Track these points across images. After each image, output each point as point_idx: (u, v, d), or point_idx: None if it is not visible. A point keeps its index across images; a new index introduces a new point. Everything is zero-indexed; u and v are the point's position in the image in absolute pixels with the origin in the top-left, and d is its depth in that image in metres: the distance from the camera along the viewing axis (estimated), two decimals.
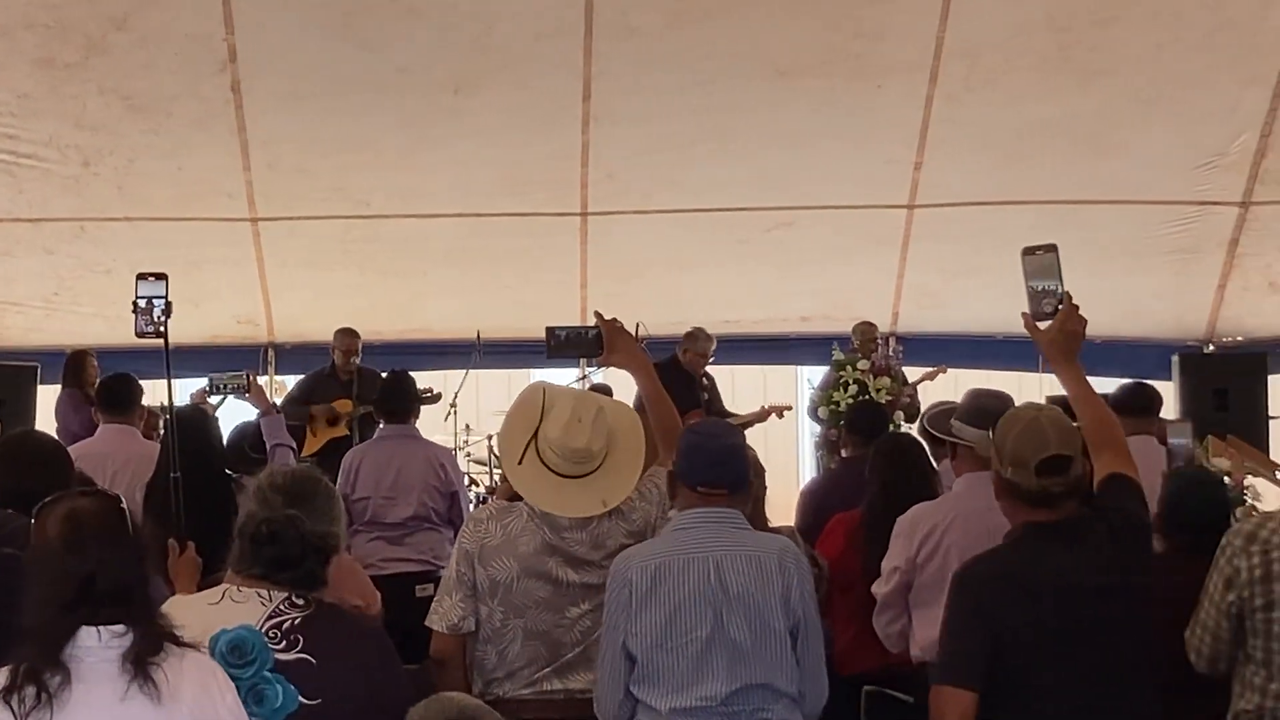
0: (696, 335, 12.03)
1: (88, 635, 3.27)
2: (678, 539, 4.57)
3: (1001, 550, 4.31)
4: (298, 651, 3.73)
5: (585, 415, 4.85)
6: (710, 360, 12.13)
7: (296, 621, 3.79)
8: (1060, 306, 4.49)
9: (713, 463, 4.61)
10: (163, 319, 6.02)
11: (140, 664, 3.27)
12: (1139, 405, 7.50)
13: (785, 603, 4.50)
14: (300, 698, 3.62)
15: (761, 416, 12.00)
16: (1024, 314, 4.57)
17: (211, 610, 3.72)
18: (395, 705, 3.88)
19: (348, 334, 11.54)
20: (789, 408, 12.49)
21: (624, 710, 4.54)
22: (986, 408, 5.35)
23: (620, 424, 5.00)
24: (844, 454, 8.40)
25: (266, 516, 3.90)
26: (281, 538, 3.88)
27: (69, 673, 3.24)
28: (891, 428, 10.50)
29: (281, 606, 3.81)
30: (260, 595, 3.83)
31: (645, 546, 4.67)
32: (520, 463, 4.89)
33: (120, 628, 3.29)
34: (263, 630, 3.69)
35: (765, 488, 6.33)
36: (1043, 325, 4.52)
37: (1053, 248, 4.55)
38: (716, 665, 4.45)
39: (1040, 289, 4.52)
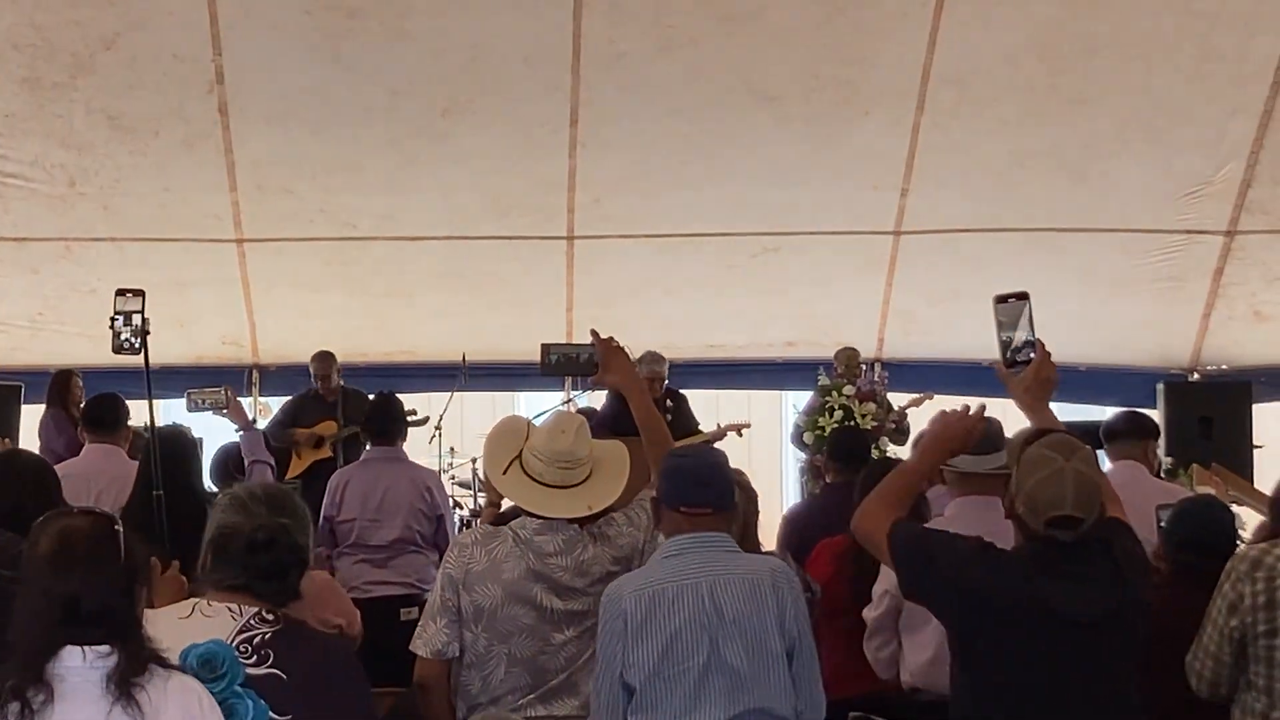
0: (643, 358, 11.86)
1: (72, 655, 3.25)
2: (669, 566, 4.54)
3: (1007, 562, 4.28)
4: (268, 666, 3.70)
5: (569, 427, 4.94)
6: (665, 380, 11.98)
7: (267, 636, 3.76)
8: (1033, 356, 4.50)
9: (695, 482, 4.59)
10: (141, 335, 6.01)
11: (124, 685, 3.25)
12: (1126, 429, 7.49)
13: (780, 624, 4.48)
14: (270, 713, 3.60)
15: (719, 435, 11.91)
16: (995, 363, 4.59)
17: (181, 625, 3.69)
18: None
19: (323, 358, 11.53)
20: (748, 425, 12.44)
21: None
22: None
23: (604, 451, 5.05)
24: (827, 480, 8.38)
25: (261, 524, 3.88)
26: (276, 546, 3.86)
27: (52, 691, 3.22)
28: (876, 453, 10.51)
29: (252, 621, 3.79)
30: (231, 610, 3.80)
31: (637, 575, 4.64)
32: (505, 473, 4.93)
33: (105, 648, 3.27)
34: (233, 645, 3.67)
35: (758, 512, 6.32)
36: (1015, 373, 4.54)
37: (1024, 296, 4.55)
38: (714, 692, 4.42)
39: (1012, 339, 4.52)
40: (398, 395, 9.24)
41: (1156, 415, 12.49)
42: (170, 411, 11.57)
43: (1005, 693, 4.18)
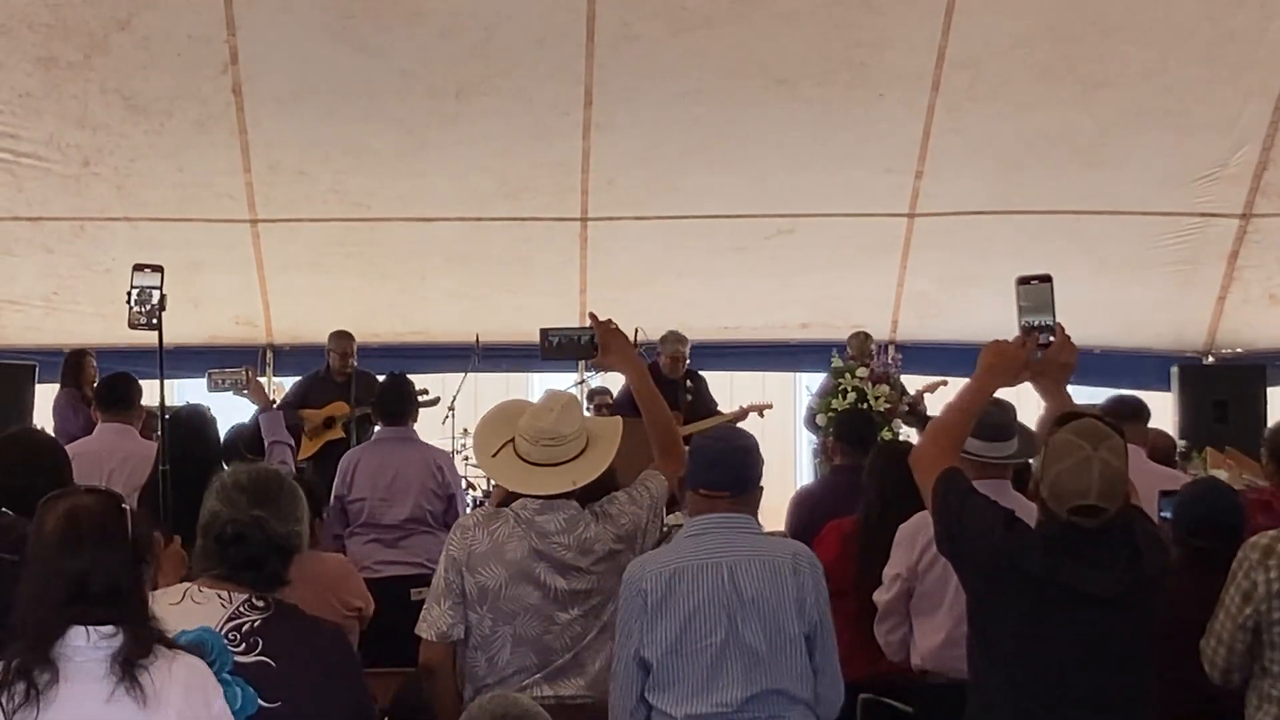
0: (666, 338, 11.92)
1: (77, 634, 3.25)
2: (690, 545, 4.55)
3: (1031, 537, 4.27)
4: (257, 654, 3.69)
5: (554, 405, 4.94)
6: (687, 360, 12.00)
7: (256, 624, 3.74)
8: (1053, 339, 4.48)
9: (711, 464, 4.60)
10: (157, 310, 6.00)
11: (128, 666, 3.25)
12: (1123, 413, 7.47)
13: (800, 607, 4.48)
14: (259, 700, 3.60)
15: (741, 416, 11.91)
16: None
17: (172, 611, 3.67)
18: (354, 708, 3.85)
19: (343, 337, 11.50)
20: (769, 406, 12.41)
21: (638, 717, 4.52)
22: (989, 419, 5.32)
23: (599, 428, 5.06)
24: (835, 462, 8.37)
25: (233, 517, 3.84)
26: (248, 539, 3.83)
27: (57, 671, 3.23)
28: (888, 435, 10.50)
29: (241, 608, 3.77)
30: (221, 597, 3.79)
31: (658, 553, 4.66)
32: (494, 456, 4.96)
33: (110, 628, 3.27)
34: (222, 632, 3.66)
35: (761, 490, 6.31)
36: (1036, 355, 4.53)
37: (1048, 278, 4.52)
38: (732, 671, 4.43)
39: (1035, 324, 4.50)
40: (409, 376, 9.24)
41: (1171, 398, 12.52)
42: (185, 391, 11.60)
43: (1021, 664, 4.19)
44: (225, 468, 7.25)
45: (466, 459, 11.77)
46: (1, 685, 3.21)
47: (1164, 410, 12.34)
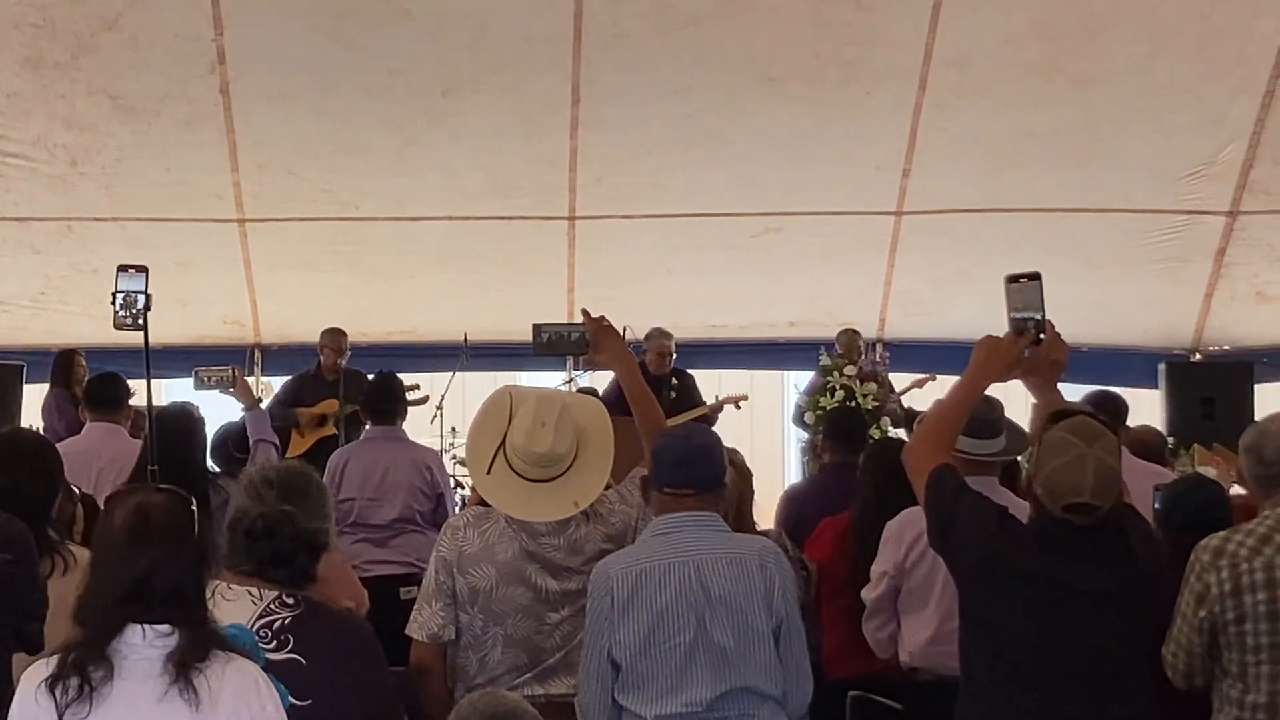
0: (651, 334, 11.98)
1: (133, 632, 3.27)
2: (656, 544, 4.56)
3: (1022, 532, 4.28)
4: (288, 651, 3.71)
5: (549, 418, 4.84)
6: (673, 356, 12.05)
7: (287, 621, 3.77)
8: (1043, 336, 4.48)
9: (676, 463, 4.60)
10: (142, 312, 5.99)
11: (182, 667, 3.26)
12: (1107, 414, 7.46)
13: (768, 603, 4.49)
14: (291, 698, 3.60)
15: (716, 408, 11.95)
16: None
17: None
18: (382, 706, 3.86)
19: (336, 333, 11.49)
20: (744, 397, 12.45)
21: (609, 717, 4.53)
22: (979, 416, 5.33)
23: (588, 421, 5.00)
24: (825, 460, 8.38)
25: (261, 512, 3.87)
26: (276, 534, 3.86)
27: (113, 668, 3.24)
28: (877, 434, 10.51)
29: (272, 606, 3.79)
30: (251, 594, 3.81)
31: (625, 553, 4.65)
32: (489, 472, 4.89)
33: (166, 628, 3.28)
34: (253, 629, 3.67)
35: (753, 491, 6.32)
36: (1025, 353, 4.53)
37: (1036, 275, 4.52)
38: (701, 670, 4.44)
39: (1023, 319, 4.50)
40: (398, 375, 9.23)
41: (1158, 396, 12.53)
42: (174, 392, 11.57)
43: (1012, 660, 4.20)
44: (214, 467, 7.32)
45: (455, 458, 11.77)
46: (56, 678, 3.23)
47: (1151, 407, 12.35)
